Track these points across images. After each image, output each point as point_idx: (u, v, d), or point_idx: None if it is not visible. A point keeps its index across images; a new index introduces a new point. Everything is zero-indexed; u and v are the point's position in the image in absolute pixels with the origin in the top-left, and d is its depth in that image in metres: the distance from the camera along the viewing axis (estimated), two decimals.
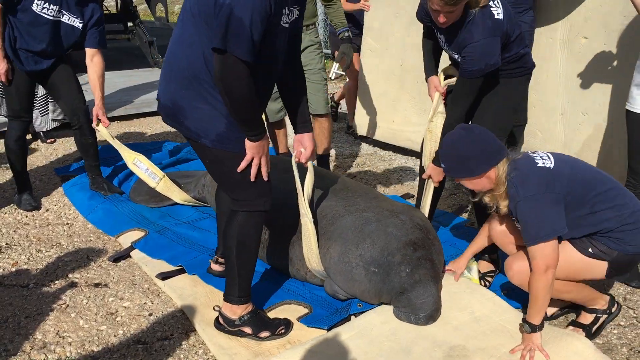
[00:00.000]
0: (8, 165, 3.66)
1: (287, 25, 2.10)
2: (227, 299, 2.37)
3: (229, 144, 2.15)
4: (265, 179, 2.24)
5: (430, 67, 2.94)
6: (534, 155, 2.27)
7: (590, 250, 2.24)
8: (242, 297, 2.35)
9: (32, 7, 3.30)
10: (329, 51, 7.79)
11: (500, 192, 2.25)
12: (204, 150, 2.20)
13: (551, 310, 2.54)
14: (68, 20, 3.42)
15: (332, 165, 4.48)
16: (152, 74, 6.98)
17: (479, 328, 2.37)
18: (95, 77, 3.53)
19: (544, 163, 2.22)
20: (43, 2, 3.31)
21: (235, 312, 2.36)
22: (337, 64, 7.40)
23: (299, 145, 2.42)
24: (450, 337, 2.32)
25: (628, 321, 2.51)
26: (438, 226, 3.33)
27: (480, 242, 2.64)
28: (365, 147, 4.99)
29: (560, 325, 2.49)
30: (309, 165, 2.46)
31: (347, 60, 3.82)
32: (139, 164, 3.52)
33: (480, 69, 2.55)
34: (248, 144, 2.13)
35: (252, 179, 2.18)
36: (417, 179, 3.17)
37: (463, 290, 2.60)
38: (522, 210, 2.16)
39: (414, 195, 3.88)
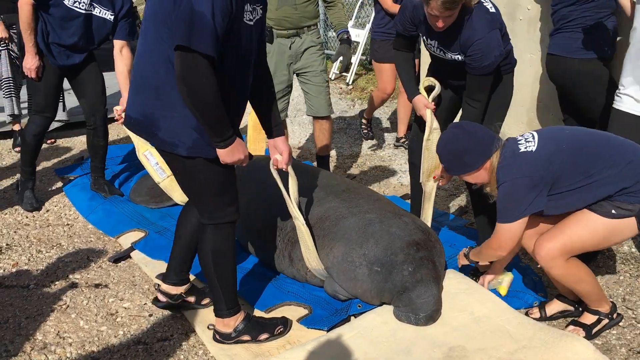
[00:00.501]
0: (8, 166, 3.67)
1: (251, 23, 2.06)
2: (217, 314, 2.34)
3: (205, 149, 2.08)
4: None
5: (413, 86, 2.93)
6: (519, 139, 2.34)
7: (613, 212, 2.24)
8: (231, 308, 2.32)
9: (64, 2, 3.29)
10: (330, 52, 7.82)
11: (493, 181, 2.33)
12: (177, 160, 2.14)
13: (551, 311, 2.55)
14: (100, 13, 3.42)
15: (332, 165, 4.48)
16: None
17: (479, 329, 2.38)
18: (125, 70, 3.48)
19: (526, 147, 2.28)
20: None
21: (229, 324, 2.33)
22: (337, 65, 7.39)
23: (274, 151, 2.40)
24: (450, 338, 2.32)
25: (627, 322, 2.52)
26: (438, 227, 3.34)
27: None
28: (365, 148, 5.00)
29: (559, 326, 2.49)
30: (289, 168, 2.44)
31: (344, 61, 3.83)
32: (150, 157, 3.51)
33: (491, 62, 2.58)
34: (219, 152, 2.06)
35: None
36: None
37: (463, 291, 2.60)
38: (499, 193, 2.30)
39: None
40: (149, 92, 2.07)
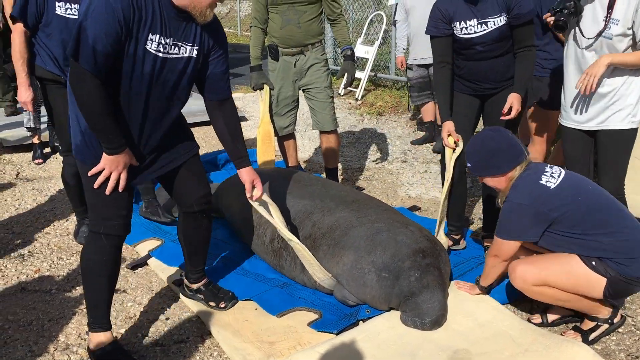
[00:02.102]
0: (28, 177, 3.75)
1: (160, 55, 2.16)
2: (88, 324, 2.38)
3: (83, 156, 2.24)
4: (108, 192, 2.24)
5: (448, 109, 3.08)
6: (546, 170, 2.45)
7: (593, 263, 2.36)
8: (92, 323, 2.35)
9: (56, 11, 3.07)
10: (337, 68, 7.96)
11: (506, 191, 2.48)
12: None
13: (552, 317, 2.63)
14: None
15: (341, 178, 4.58)
16: None
17: (482, 333, 2.47)
18: None
19: (547, 182, 2.39)
20: (64, 2, 3.08)
21: (91, 340, 2.36)
22: (344, 82, 7.51)
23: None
24: (454, 342, 2.41)
25: (626, 328, 2.60)
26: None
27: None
28: (372, 162, 5.11)
29: (560, 332, 2.57)
30: (264, 197, 2.58)
31: (348, 78, 3.93)
32: None
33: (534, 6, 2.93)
34: (103, 155, 2.18)
35: (96, 186, 2.22)
36: (427, 192, 3.27)
37: (467, 298, 2.69)
38: (504, 209, 2.45)
39: (420, 208, 3.99)
40: (70, 98, 2.23)
